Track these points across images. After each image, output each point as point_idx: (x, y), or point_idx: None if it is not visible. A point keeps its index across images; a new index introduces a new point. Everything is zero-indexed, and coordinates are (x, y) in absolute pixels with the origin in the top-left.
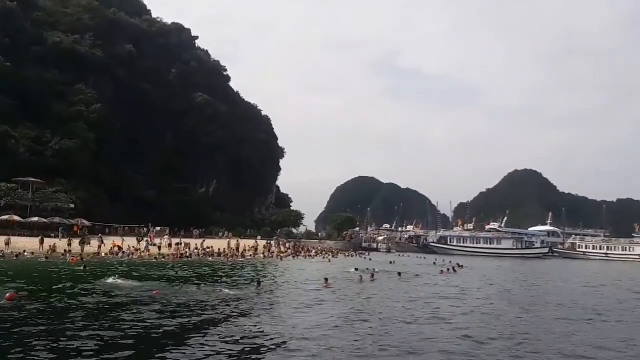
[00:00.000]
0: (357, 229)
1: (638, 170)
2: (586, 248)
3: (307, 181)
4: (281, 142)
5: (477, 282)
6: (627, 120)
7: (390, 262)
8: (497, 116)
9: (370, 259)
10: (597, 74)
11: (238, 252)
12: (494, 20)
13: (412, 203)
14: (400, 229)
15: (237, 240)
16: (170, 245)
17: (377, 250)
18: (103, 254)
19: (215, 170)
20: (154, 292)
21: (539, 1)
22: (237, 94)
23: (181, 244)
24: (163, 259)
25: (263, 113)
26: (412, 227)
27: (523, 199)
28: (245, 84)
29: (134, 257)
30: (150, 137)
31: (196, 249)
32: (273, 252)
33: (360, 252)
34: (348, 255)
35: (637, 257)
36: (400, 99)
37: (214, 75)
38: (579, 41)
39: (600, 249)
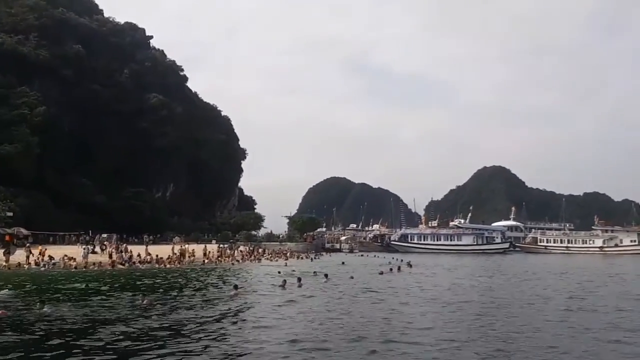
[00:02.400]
0: (323, 229)
1: (602, 164)
2: (547, 242)
3: (280, 183)
4: (254, 144)
5: (411, 283)
6: (592, 115)
7: (342, 263)
8: (466, 114)
9: (316, 259)
10: (562, 72)
11: (184, 257)
12: (462, 21)
13: (384, 202)
14: (366, 228)
15: (182, 246)
16: (111, 253)
17: (340, 250)
18: (27, 265)
19: (171, 174)
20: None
21: (505, 1)
22: (195, 94)
23: (123, 251)
24: (95, 268)
25: (223, 113)
26: (377, 226)
27: (492, 195)
28: (215, 85)
29: (60, 267)
30: (101, 140)
31: (138, 256)
32: (228, 256)
33: (317, 253)
34: (301, 258)
35: (597, 249)
36: (371, 98)
37: (169, 75)
38: (544, 40)
39: (561, 243)
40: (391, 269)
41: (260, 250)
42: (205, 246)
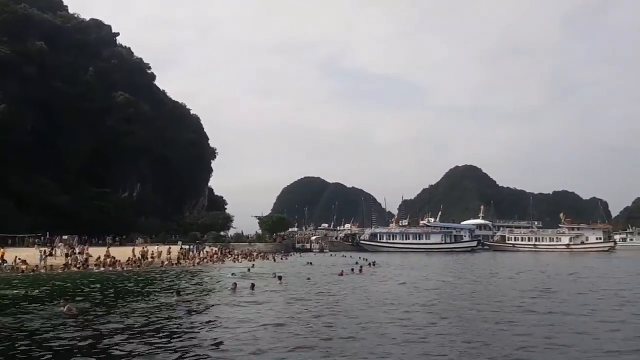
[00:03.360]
0: (295, 229)
1: (572, 163)
2: (515, 240)
3: (255, 183)
4: (228, 145)
5: (368, 284)
6: (562, 116)
7: (309, 263)
8: (441, 115)
9: (284, 259)
10: (534, 73)
11: (145, 259)
12: (436, 22)
13: (358, 202)
14: (338, 227)
15: (143, 247)
16: (67, 255)
17: (310, 250)
18: None
19: (138, 173)
20: None
21: (479, 3)
22: (164, 92)
23: (82, 252)
24: (46, 272)
25: (192, 112)
26: (349, 225)
27: (464, 193)
28: (189, 86)
29: (7, 270)
30: (65, 139)
31: (98, 258)
32: (191, 258)
33: (286, 253)
34: (267, 259)
35: (564, 246)
36: (347, 100)
37: (136, 73)
38: (517, 42)
39: (529, 241)
40: (352, 270)
41: (227, 251)
42: (170, 247)
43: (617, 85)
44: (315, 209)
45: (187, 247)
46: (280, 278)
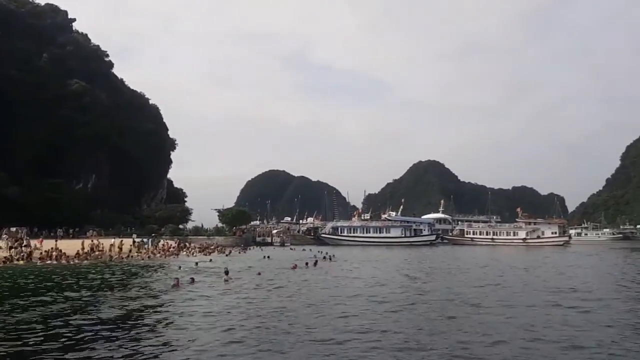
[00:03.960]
0: (257, 222)
1: (531, 160)
2: (474, 234)
3: (219, 176)
4: (190, 136)
5: (318, 278)
6: (521, 114)
7: (266, 257)
8: (405, 111)
9: (242, 253)
10: (495, 71)
11: (94, 253)
12: (401, 19)
13: (323, 196)
14: (300, 221)
15: (93, 240)
16: (11, 247)
17: (271, 244)
18: None
19: (94, 164)
20: None
21: (441, 1)
22: (122, 81)
23: (28, 245)
24: None
25: (151, 102)
26: (312, 219)
27: (426, 188)
28: (151, 76)
29: None
30: (17, 129)
31: (46, 252)
32: (145, 251)
33: (245, 247)
34: (223, 252)
35: (521, 240)
36: (312, 93)
37: (93, 60)
38: (478, 40)
39: (487, 235)
40: (306, 264)
41: (183, 244)
42: (122, 241)
43: (574, 85)
44: (279, 202)
45: (139, 240)
46: (227, 273)
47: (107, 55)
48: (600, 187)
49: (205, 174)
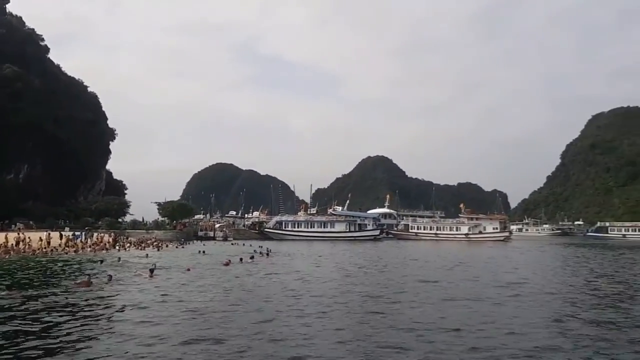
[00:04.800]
0: (201, 216)
1: (476, 157)
2: (418, 229)
3: (164, 168)
4: (137, 128)
5: (243, 275)
6: (469, 111)
7: (201, 252)
8: (355, 105)
9: (180, 248)
10: (444, 70)
11: (17, 246)
12: (353, 15)
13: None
14: (246, 215)
15: (19, 233)
16: None
17: (213, 238)
18: None
19: (26, 154)
20: None
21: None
22: (59, 67)
23: None
24: None
25: (89, 89)
26: (257, 213)
27: (375, 183)
28: (95, 64)
29: None
30: None
31: None
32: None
33: (184, 241)
34: (160, 247)
35: (463, 236)
36: (262, 86)
37: (27, 44)
38: (427, 39)
39: (431, 230)
40: (241, 259)
41: (116, 239)
42: (49, 234)
43: (519, 85)
44: (227, 196)
45: (70, 233)
46: (152, 270)
47: (43, 40)
48: (541, 184)
49: (152, 166)
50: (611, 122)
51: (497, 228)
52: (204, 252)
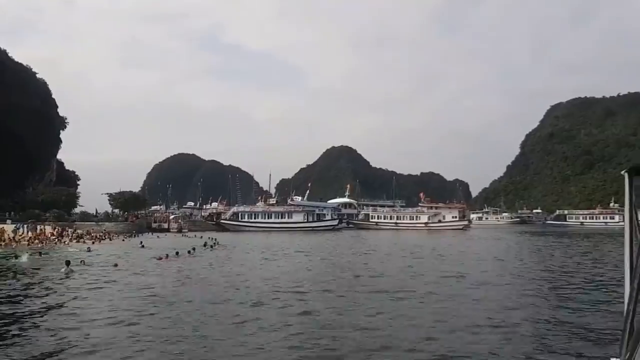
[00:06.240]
0: (158, 207)
1: (437, 147)
2: (378, 218)
3: (122, 159)
4: (93, 118)
5: (181, 270)
6: (429, 103)
7: (141, 245)
8: (317, 97)
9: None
10: (405, 63)
11: None
12: (315, 7)
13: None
14: (205, 206)
15: None
16: None
17: (168, 230)
18: None
19: None
20: None
21: None
22: (5, 53)
23: None
24: None
25: (38, 76)
26: (216, 204)
27: (339, 173)
28: (52, 56)
29: None
30: None
31: None
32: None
33: (130, 234)
34: (104, 239)
35: (423, 225)
36: (224, 76)
37: None
38: (388, 32)
39: (391, 219)
40: (177, 253)
41: (68, 231)
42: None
43: (477, 78)
44: (188, 187)
45: (11, 226)
46: (67, 264)
47: None
48: (501, 174)
49: (111, 157)
50: (569, 112)
51: (456, 217)
52: (142, 245)
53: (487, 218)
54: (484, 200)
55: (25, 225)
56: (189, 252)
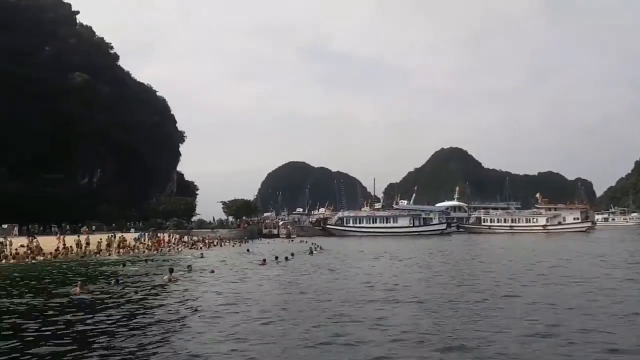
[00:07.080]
0: (268, 214)
1: (555, 144)
2: (491, 222)
3: (238, 169)
4: (210, 131)
5: (277, 276)
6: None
7: (247, 251)
8: (425, 97)
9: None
10: (515, 55)
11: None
12: (418, 4)
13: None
14: (312, 212)
15: (79, 236)
16: None
17: (277, 236)
18: None
19: (98, 159)
20: None
21: None
22: (128, 74)
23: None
24: None
25: (158, 94)
26: (323, 209)
27: (449, 176)
28: (170, 71)
29: None
30: (17, 124)
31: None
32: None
33: (245, 240)
34: (214, 246)
35: (541, 227)
36: (331, 83)
37: (96, 53)
38: (498, 23)
39: (505, 222)
40: (276, 258)
41: (186, 238)
42: (111, 236)
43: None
44: (299, 193)
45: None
46: (171, 271)
47: (112, 48)
48: (629, 170)
49: (228, 167)
50: None
51: (578, 218)
52: (248, 250)
53: (613, 219)
54: (610, 200)
55: (146, 233)
56: (286, 258)
